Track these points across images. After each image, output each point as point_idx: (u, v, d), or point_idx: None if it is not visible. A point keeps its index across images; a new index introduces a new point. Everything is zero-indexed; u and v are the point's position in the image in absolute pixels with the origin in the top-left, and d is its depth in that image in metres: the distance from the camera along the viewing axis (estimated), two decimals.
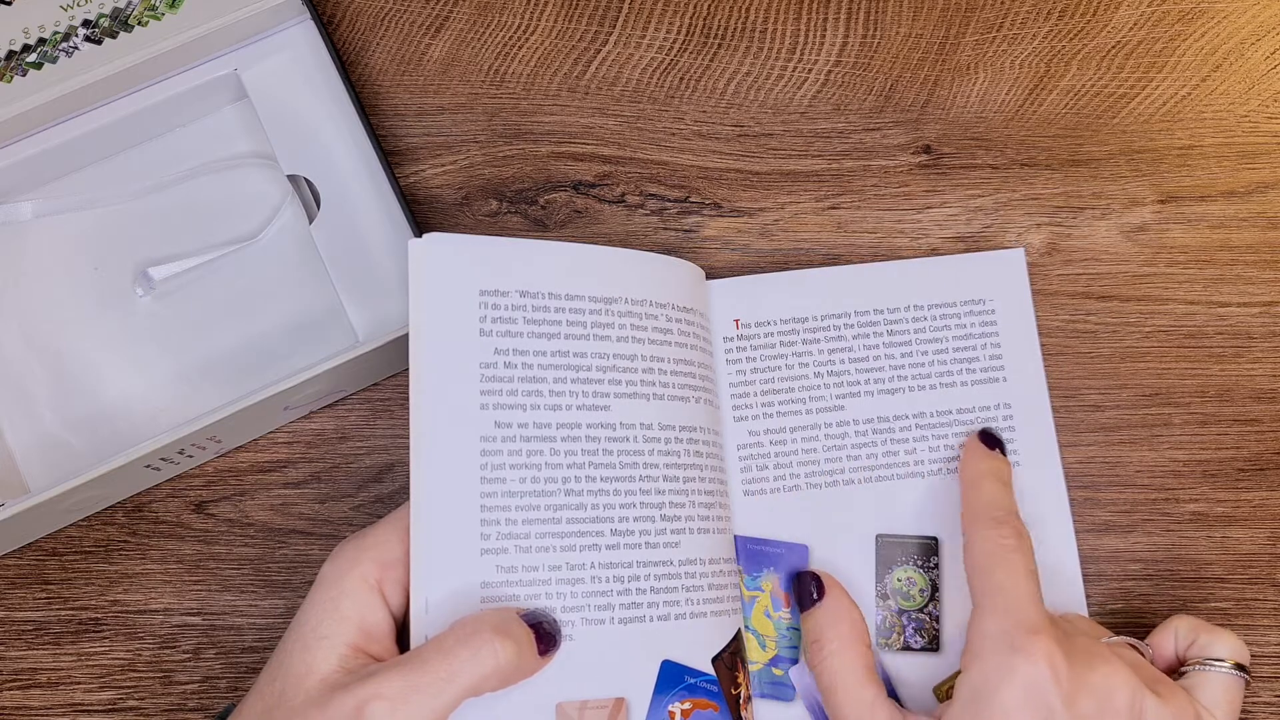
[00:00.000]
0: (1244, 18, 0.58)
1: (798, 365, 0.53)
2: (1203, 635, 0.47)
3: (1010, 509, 0.48)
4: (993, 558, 0.45)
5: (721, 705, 0.46)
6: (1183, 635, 0.47)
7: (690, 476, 0.48)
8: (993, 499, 0.48)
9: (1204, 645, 0.46)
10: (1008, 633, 0.43)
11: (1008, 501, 0.48)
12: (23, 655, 0.52)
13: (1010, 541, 0.46)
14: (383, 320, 0.53)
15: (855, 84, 0.58)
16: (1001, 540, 0.46)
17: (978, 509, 0.48)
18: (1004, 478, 0.49)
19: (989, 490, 0.48)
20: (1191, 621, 0.48)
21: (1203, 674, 0.46)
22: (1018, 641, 0.43)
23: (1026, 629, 0.43)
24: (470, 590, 0.43)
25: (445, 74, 0.58)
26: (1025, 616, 0.43)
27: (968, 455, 0.51)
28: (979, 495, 0.48)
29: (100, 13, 0.52)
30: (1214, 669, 0.45)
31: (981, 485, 0.49)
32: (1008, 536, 0.46)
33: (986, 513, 0.47)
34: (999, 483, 0.49)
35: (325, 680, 0.40)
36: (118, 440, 0.52)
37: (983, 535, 0.46)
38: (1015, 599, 0.44)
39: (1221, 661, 0.46)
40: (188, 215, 0.55)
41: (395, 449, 0.54)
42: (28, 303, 0.54)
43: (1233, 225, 0.56)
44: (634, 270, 0.49)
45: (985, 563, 0.45)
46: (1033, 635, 0.43)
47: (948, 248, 0.56)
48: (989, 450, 0.51)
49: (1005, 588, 0.44)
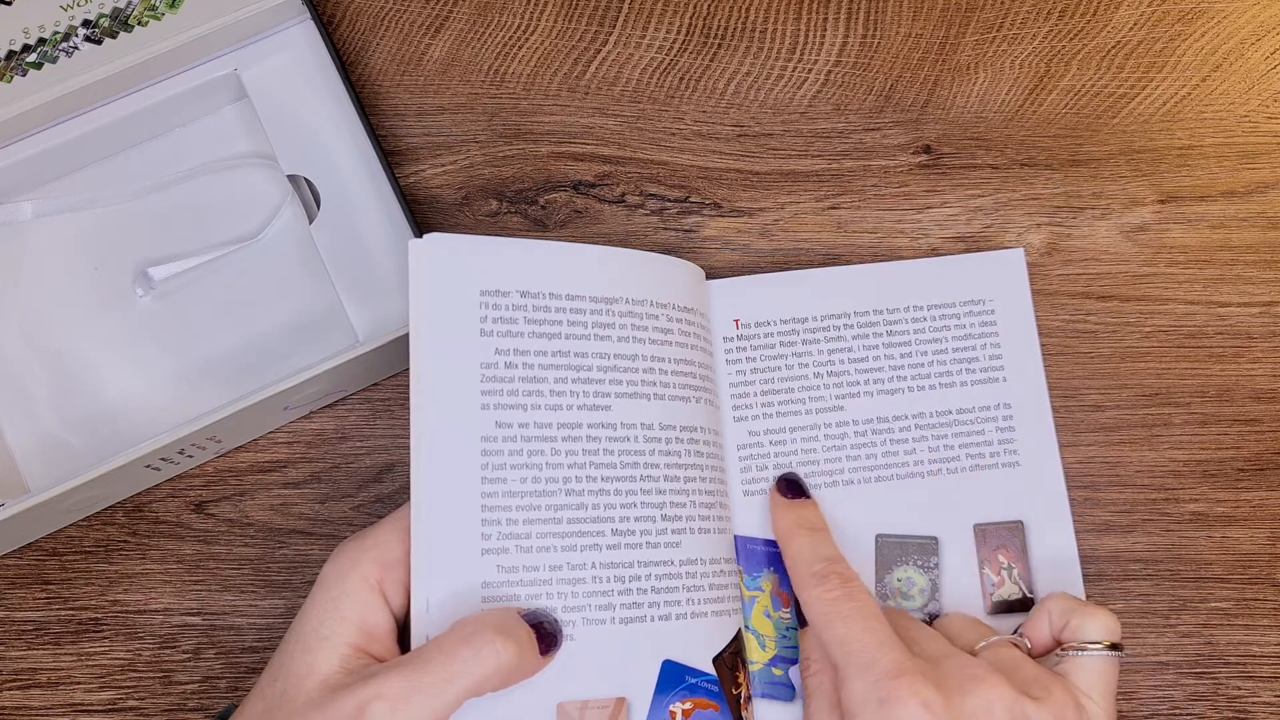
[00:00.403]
0: (1244, 18, 0.58)
1: (797, 365, 0.53)
2: (1074, 617, 0.45)
3: (827, 557, 0.46)
4: (826, 615, 0.44)
5: (722, 705, 0.46)
6: (1056, 617, 0.46)
7: (691, 476, 0.48)
8: (809, 553, 0.47)
9: (1076, 628, 0.45)
10: (872, 688, 0.42)
11: (823, 550, 0.47)
12: (23, 655, 0.52)
13: (836, 593, 0.45)
14: (383, 320, 0.53)
15: (855, 84, 0.58)
16: (827, 594, 0.45)
17: (796, 569, 0.47)
18: (814, 524, 0.49)
19: (802, 544, 0.47)
20: (1063, 602, 0.46)
21: (1077, 659, 0.45)
22: (883, 692, 0.41)
23: (888, 675, 0.42)
24: (471, 590, 0.43)
25: (445, 74, 0.58)
26: (881, 664, 0.42)
27: (773, 512, 0.50)
28: (794, 553, 0.47)
29: (100, 13, 0.52)
30: (1088, 652, 0.45)
31: (794, 541, 0.48)
32: (833, 588, 0.45)
33: (805, 570, 0.46)
34: (808, 532, 0.48)
35: (326, 681, 0.40)
36: (118, 440, 0.52)
37: (812, 596, 0.45)
38: (864, 648, 0.43)
39: (1096, 644, 0.45)
40: (188, 215, 0.55)
41: (395, 449, 0.54)
42: (28, 303, 0.54)
43: (1233, 225, 0.56)
44: (634, 270, 0.49)
45: (825, 622, 0.44)
46: (896, 680, 0.41)
47: (948, 248, 0.56)
48: (790, 501, 0.50)
49: (851, 642, 0.43)
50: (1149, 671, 0.52)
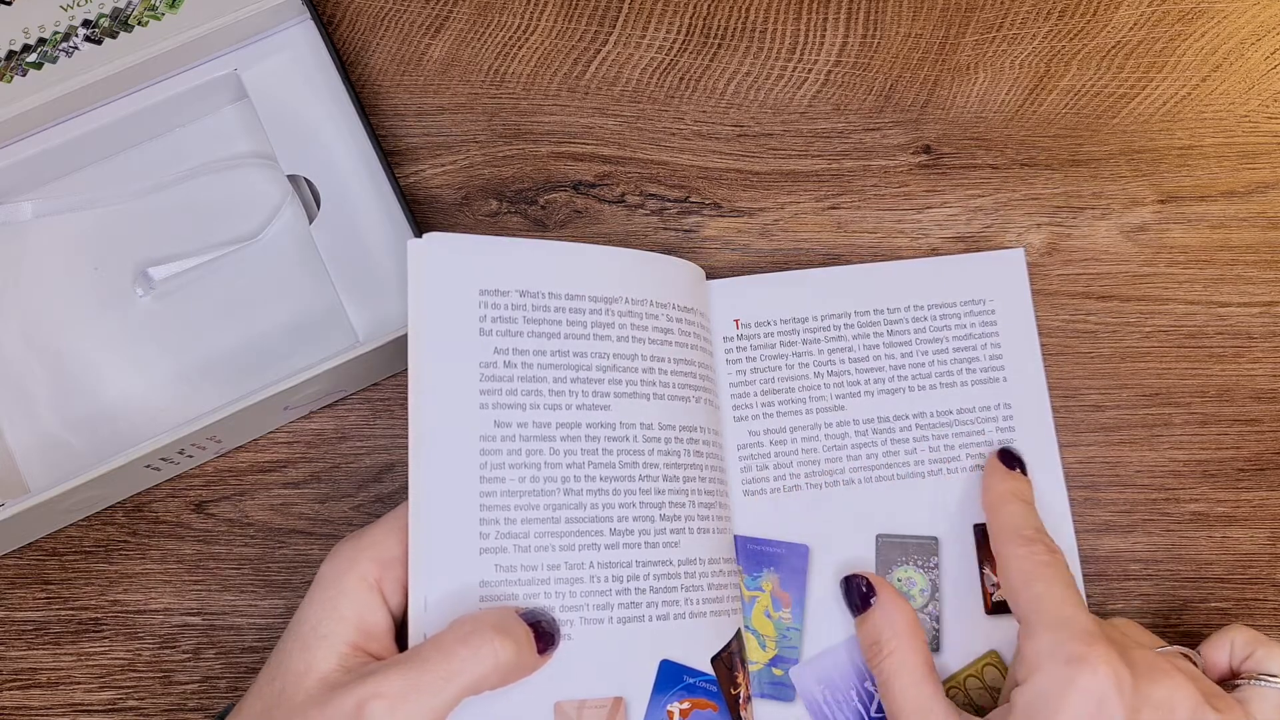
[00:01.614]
0: (1244, 18, 0.58)
1: (798, 365, 0.53)
2: (1260, 649, 0.46)
3: (1038, 526, 0.48)
4: (1030, 574, 0.45)
5: (721, 705, 0.46)
6: (1239, 648, 0.47)
7: (690, 476, 0.48)
8: (1020, 518, 0.48)
9: (1260, 660, 0.46)
10: (1064, 644, 0.42)
11: (1034, 520, 0.48)
12: (23, 655, 0.52)
13: (1044, 557, 0.46)
14: (383, 320, 0.53)
15: (855, 84, 0.58)
16: (1035, 557, 0.46)
17: (1006, 529, 0.48)
18: (1027, 497, 0.50)
19: (1015, 510, 0.48)
20: (1249, 634, 0.47)
21: (1258, 689, 0.45)
22: (1076, 651, 0.42)
23: (1083, 638, 0.42)
24: (469, 589, 0.43)
25: (445, 74, 0.58)
26: (1078, 626, 0.43)
27: (989, 478, 0.51)
28: (1006, 516, 0.48)
29: (100, 13, 0.52)
30: (1269, 684, 0.45)
31: (1006, 506, 0.49)
32: (1040, 553, 0.46)
33: (1016, 532, 0.47)
34: (1023, 502, 0.49)
35: (325, 679, 0.40)
36: (118, 440, 0.52)
37: (1016, 554, 0.46)
38: (1063, 610, 0.44)
39: (1276, 678, 0.45)
40: (188, 215, 0.55)
41: (395, 449, 0.54)
42: (28, 303, 0.54)
43: (1233, 225, 0.56)
44: (634, 270, 0.49)
45: (1024, 580, 0.45)
46: (1090, 644, 0.42)
47: (948, 248, 0.56)
48: (1009, 470, 0.51)
49: (1050, 600, 0.44)
50: None
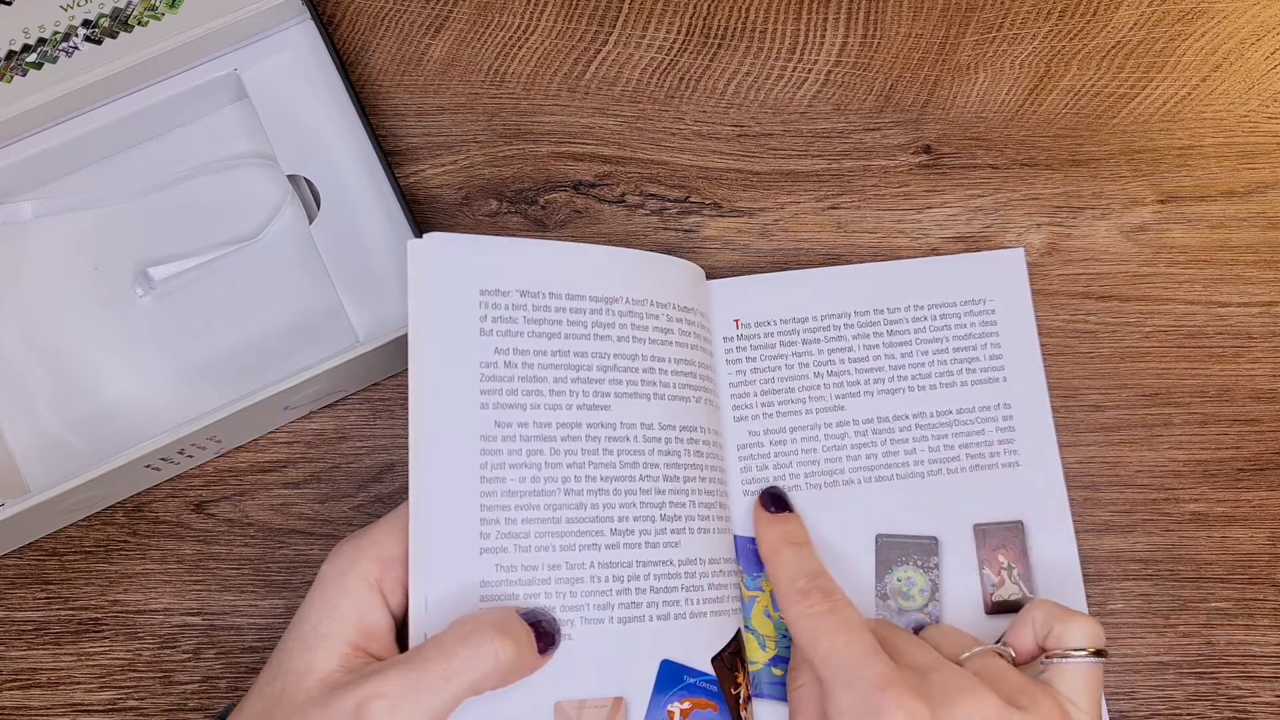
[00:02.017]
0: (1244, 18, 0.58)
1: (798, 365, 0.53)
2: (1057, 624, 0.45)
3: (811, 572, 0.46)
4: (811, 630, 0.44)
5: (721, 705, 0.46)
6: (1039, 624, 0.46)
7: (690, 476, 0.48)
8: (790, 569, 0.47)
9: (1060, 635, 0.45)
10: (858, 701, 0.42)
11: (807, 565, 0.47)
12: (23, 655, 0.52)
13: (819, 607, 0.45)
14: (383, 320, 0.53)
15: (855, 84, 0.58)
16: (810, 610, 0.45)
17: (780, 585, 0.47)
18: (797, 538, 0.49)
19: (785, 560, 0.47)
20: (1046, 609, 0.46)
21: (1060, 666, 0.44)
22: (869, 706, 0.41)
23: (873, 690, 0.41)
24: (469, 589, 0.43)
25: (445, 74, 0.58)
26: (867, 677, 0.42)
27: (757, 527, 0.50)
28: (778, 569, 0.47)
29: (100, 13, 0.52)
30: (1072, 659, 0.44)
31: (776, 557, 0.48)
32: (816, 603, 0.45)
33: (789, 586, 0.46)
34: (794, 547, 0.48)
35: (325, 679, 0.40)
36: (118, 440, 0.52)
37: (795, 612, 0.45)
38: (849, 661, 0.43)
39: (1080, 650, 0.44)
40: (188, 215, 0.55)
41: (395, 449, 0.54)
42: (28, 303, 0.54)
43: (1233, 225, 0.56)
44: (634, 270, 0.49)
45: (810, 639, 0.44)
46: (882, 692, 0.41)
47: (948, 248, 0.56)
48: (774, 515, 0.50)
49: (837, 656, 0.43)
50: (1149, 671, 0.52)
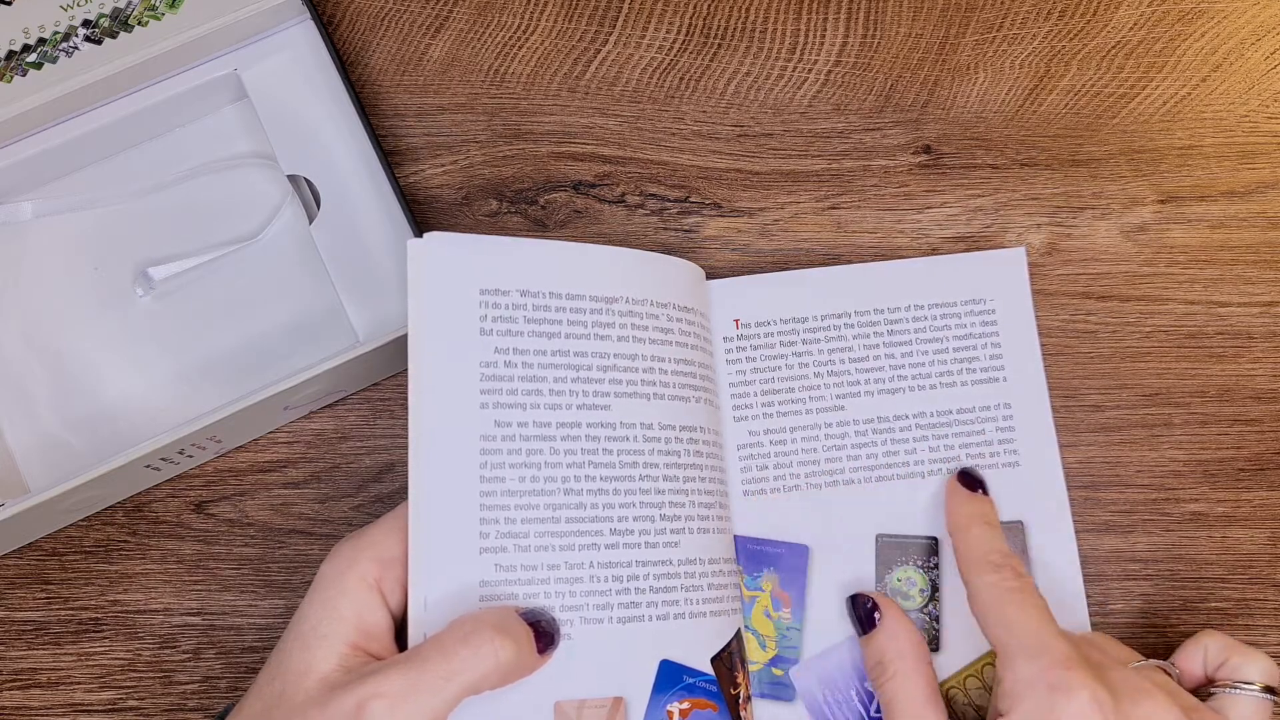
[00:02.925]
0: (1244, 18, 0.58)
1: (798, 365, 0.53)
2: (1234, 657, 0.46)
3: (1004, 551, 0.47)
4: (1001, 601, 0.45)
5: (720, 705, 0.46)
6: (1213, 655, 0.47)
7: (690, 476, 0.48)
8: (986, 544, 0.47)
9: (1235, 667, 0.46)
10: (1043, 671, 0.42)
11: (1000, 544, 0.48)
12: (23, 655, 0.52)
13: (1013, 583, 0.45)
14: (383, 320, 0.53)
15: (855, 84, 0.58)
16: (1004, 583, 0.45)
17: (973, 555, 0.47)
18: (991, 520, 0.49)
19: (980, 535, 0.48)
20: (1222, 641, 0.47)
21: (1233, 697, 0.45)
22: (1055, 679, 0.42)
23: (1061, 664, 0.42)
24: (469, 589, 0.43)
25: (445, 74, 0.58)
26: (1055, 652, 0.43)
27: (951, 501, 0.50)
28: (971, 542, 0.48)
29: (100, 13, 0.52)
30: (1244, 692, 0.45)
31: (970, 531, 0.48)
32: (1009, 578, 0.46)
33: (983, 558, 0.47)
34: (987, 526, 0.49)
35: (325, 679, 0.40)
36: (118, 440, 0.52)
37: (985, 581, 0.46)
38: (1038, 636, 0.43)
39: (1251, 685, 0.45)
40: (188, 215, 0.55)
41: (395, 449, 0.54)
42: (28, 303, 0.54)
43: (1233, 225, 0.56)
44: (634, 270, 0.49)
45: (996, 607, 0.45)
46: (1069, 670, 0.42)
47: (948, 248, 0.56)
48: (971, 493, 0.50)
49: (1024, 627, 0.44)
50: None
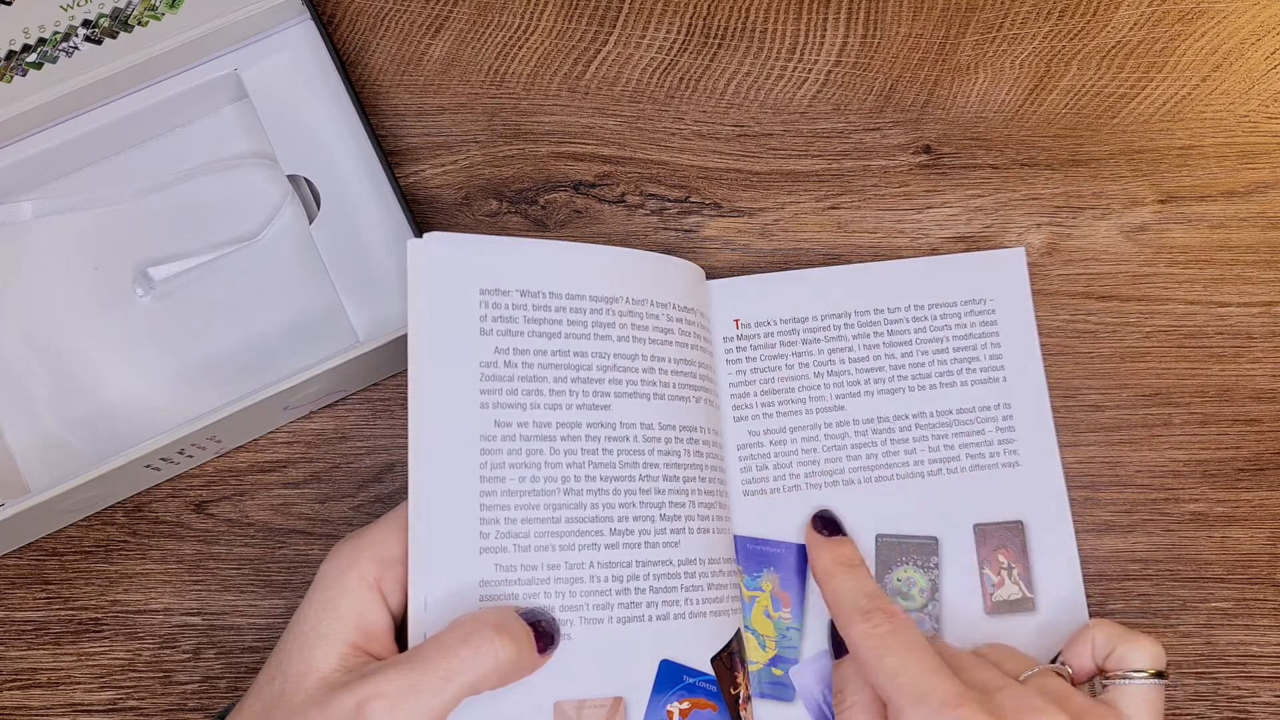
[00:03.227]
0: (1244, 18, 0.58)
1: (798, 365, 0.53)
2: (1120, 645, 0.45)
3: (870, 593, 0.46)
4: (876, 650, 0.44)
5: (720, 705, 0.46)
6: (1100, 645, 0.46)
7: (690, 476, 0.48)
8: (849, 590, 0.47)
9: (1122, 656, 0.45)
10: (929, 718, 0.41)
11: (865, 586, 0.47)
12: (23, 655, 0.52)
13: (884, 628, 0.45)
14: (383, 320, 0.53)
15: (855, 84, 0.58)
16: (875, 630, 0.45)
17: (842, 607, 0.47)
18: (853, 562, 0.48)
19: (842, 583, 0.47)
20: (1107, 629, 0.46)
21: (1124, 687, 0.44)
22: None
23: (946, 705, 0.41)
24: (469, 589, 0.43)
25: (445, 74, 0.58)
26: (938, 695, 0.42)
27: (810, 549, 0.50)
28: (837, 592, 0.47)
29: (100, 13, 0.52)
30: (1134, 680, 0.44)
31: (834, 580, 0.48)
32: (880, 623, 0.45)
33: (852, 608, 0.46)
34: (848, 569, 0.48)
35: (325, 679, 0.40)
36: (118, 440, 0.52)
37: (858, 633, 0.45)
38: (918, 679, 0.43)
39: (1140, 672, 0.45)
40: (188, 215, 0.55)
41: (395, 449, 0.54)
42: (28, 303, 0.54)
43: (1233, 225, 0.56)
44: (634, 270, 0.49)
45: (874, 658, 0.44)
46: (955, 710, 0.41)
47: (948, 248, 0.56)
48: (827, 539, 0.50)
49: (902, 672, 0.43)
50: None
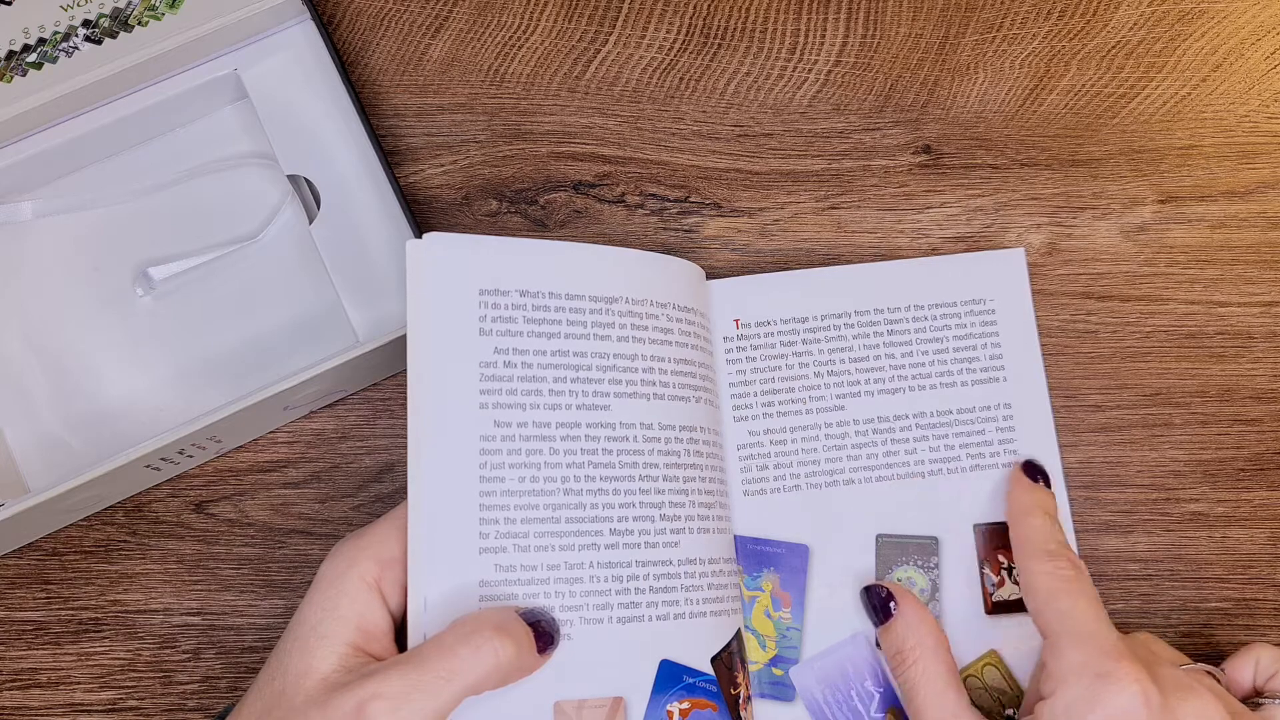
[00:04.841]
0: (1244, 18, 0.58)
1: (798, 365, 0.53)
2: None
3: (1061, 541, 0.47)
4: (1055, 590, 0.45)
5: (720, 705, 0.46)
6: (1264, 666, 0.47)
7: (690, 476, 0.48)
8: (1044, 533, 0.48)
9: None
10: (1091, 660, 0.42)
11: (1058, 534, 0.48)
12: (23, 655, 0.52)
13: (1069, 572, 0.46)
14: (383, 320, 0.53)
15: (855, 84, 0.58)
16: (1060, 571, 0.46)
17: (1030, 543, 0.47)
18: (1050, 510, 0.49)
19: (1038, 524, 0.48)
20: (1274, 653, 0.47)
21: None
22: (1104, 668, 0.42)
23: (1110, 655, 0.42)
24: (469, 589, 0.43)
25: (445, 74, 0.58)
26: (1105, 643, 0.43)
27: (1014, 488, 0.51)
28: (1029, 530, 0.48)
29: (100, 13, 0.52)
30: None
31: (1030, 519, 0.49)
32: (1065, 568, 0.46)
33: (1040, 546, 0.47)
34: (1047, 516, 0.49)
35: (325, 680, 0.40)
36: (118, 440, 0.52)
37: (1041, 569, 0.46)
38: (1089, 626, 0.44)
39: None
40: (188, 215, 0.55)
41: (395, 449, 0.54)
42: (28, 303, 0.54)
43: (1233, 225, 0.56)
44: (634, 270, 0.49)
45: (1049, 595, 0.45)
46: (1118, 661, 0.42)
47: (948, 248, 0.56)
48: (1033, 483, 0.50)
49: (1076, 616, 0.44)
50: None
